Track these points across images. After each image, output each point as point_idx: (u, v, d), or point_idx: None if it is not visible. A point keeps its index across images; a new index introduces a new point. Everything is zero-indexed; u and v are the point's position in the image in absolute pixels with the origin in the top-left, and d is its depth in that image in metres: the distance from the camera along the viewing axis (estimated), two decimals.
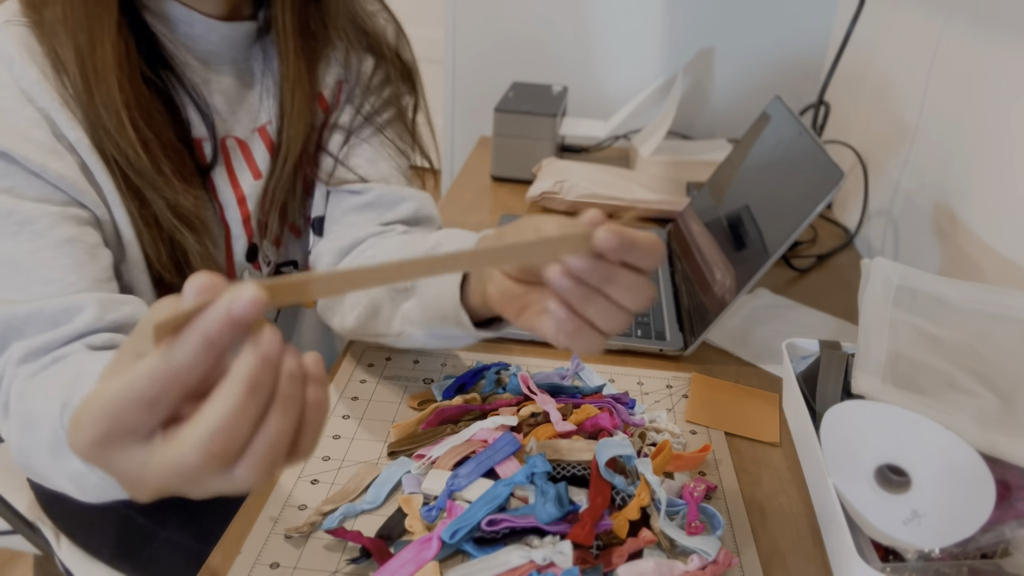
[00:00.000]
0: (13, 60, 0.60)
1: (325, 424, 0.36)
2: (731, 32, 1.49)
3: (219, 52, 0.71)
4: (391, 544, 0.57)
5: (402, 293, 0.67)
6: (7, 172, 0.59)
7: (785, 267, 1.08)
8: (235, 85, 0.73)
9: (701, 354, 0.85)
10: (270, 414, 0.33)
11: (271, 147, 0.76)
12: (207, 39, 0.69)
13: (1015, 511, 0.55)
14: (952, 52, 0.97)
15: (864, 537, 0.57)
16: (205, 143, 0.71)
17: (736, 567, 0.57)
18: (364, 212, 0.77)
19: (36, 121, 0.60)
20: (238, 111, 0.74)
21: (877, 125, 1.19)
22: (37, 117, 0.60)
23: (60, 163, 0.60)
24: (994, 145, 0.86)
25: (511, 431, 0.64)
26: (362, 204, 0.77)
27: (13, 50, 0.60)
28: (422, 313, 0.65)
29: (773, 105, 0.98)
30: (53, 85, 0.61)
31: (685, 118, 1.55)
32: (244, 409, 0.32)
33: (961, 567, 0.54)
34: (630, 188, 1.21)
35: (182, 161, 0.68)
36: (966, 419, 0.59)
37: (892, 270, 0.74)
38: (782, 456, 0.70)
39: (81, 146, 0.62)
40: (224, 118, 0.73)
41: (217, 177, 0.72)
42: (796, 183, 0.81)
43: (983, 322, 0.69)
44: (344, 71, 0.79)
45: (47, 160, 0.59)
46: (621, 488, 0.59)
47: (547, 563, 0.53)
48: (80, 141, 0.62)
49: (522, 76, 1.56)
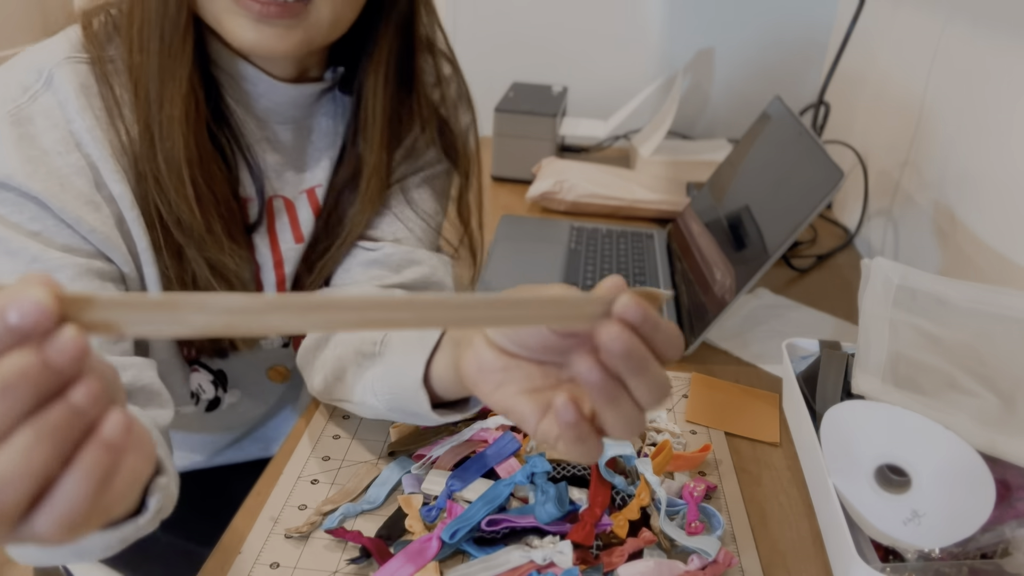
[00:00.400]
0: (69, 101, 0.57)
1: (98, 487, 0.28)
2: (731, 32, 1.49)
3: (279, 111, 0.68)
4: (391, 544, 0.57)
5: (369, 358, 0.61)
6: (38, 216, 0.56)
7: (785, 267, 1.08)
8: (290, 145, 0.70)
9: (701, 354, 0.85)
10: (17, 432, 0.27)
11: (317, 211, 0.73)
12: (268, 98, 0.66)
13: (1015, 511, 0.55)
14: (952, 52, 0.97)
15: (864, 537, 0.57)
16: (251, 203, 0.68)
17: (736, 567, 0.57)
18: (368, 269, 0.72)
19: (80, 168, 0.57)
20: (288, 171, 0.71)
21: (877, 125, 1.19)
22: (82, 164, 0.57)
23: (96, 216, 0.58)
24: (995, 145, 0.86)
25: (511, 431, 0.64)
26: (369, 261, 0.72)
27: (71, 90, 0.57)
28: (383, 383, 0.58)
29: (773, 105, 0.98)
30: (105, 132, 0.58)
31: (685, 118, 1.55)
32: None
33: (961, 567, 0.54)
34: (630, 188, 1.21)
35: (233, 220, 0.65)
36: (966, 419, 0.59)
37: (892, 270, 0.74)
38: (782, 456, 0.70)
39: (123, 201, 0.59)
40: (272, 178, 0.70)
41: (257, 237, 0.70)
42: (796, 183, 0.81)
43: (983, 322, 0.69)
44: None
45: (83, 212, 0.57)
46: (621, 488, 0.59)
47: (547, 563, 0.53)
48: (123, 196, 0.59)
49: (522, 76, 1.56)
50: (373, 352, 0.61)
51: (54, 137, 0.57)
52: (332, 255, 0.72)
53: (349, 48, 0.69)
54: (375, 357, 0.60)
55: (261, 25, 0.57)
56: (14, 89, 0.57)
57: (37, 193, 0.55)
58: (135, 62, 0.59)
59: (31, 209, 0.56)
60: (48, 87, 0.57)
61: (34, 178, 0.55)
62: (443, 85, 0.76)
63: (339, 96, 0.72)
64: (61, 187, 0.56)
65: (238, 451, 0.87)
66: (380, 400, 0.59)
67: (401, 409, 0.57)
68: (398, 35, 0.68)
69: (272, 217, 0.70)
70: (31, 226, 0.56)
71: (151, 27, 0.58)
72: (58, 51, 0.59)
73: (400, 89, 0.71)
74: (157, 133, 0.59)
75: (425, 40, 0.71)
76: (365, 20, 0.66)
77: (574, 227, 1.14)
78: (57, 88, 0.57)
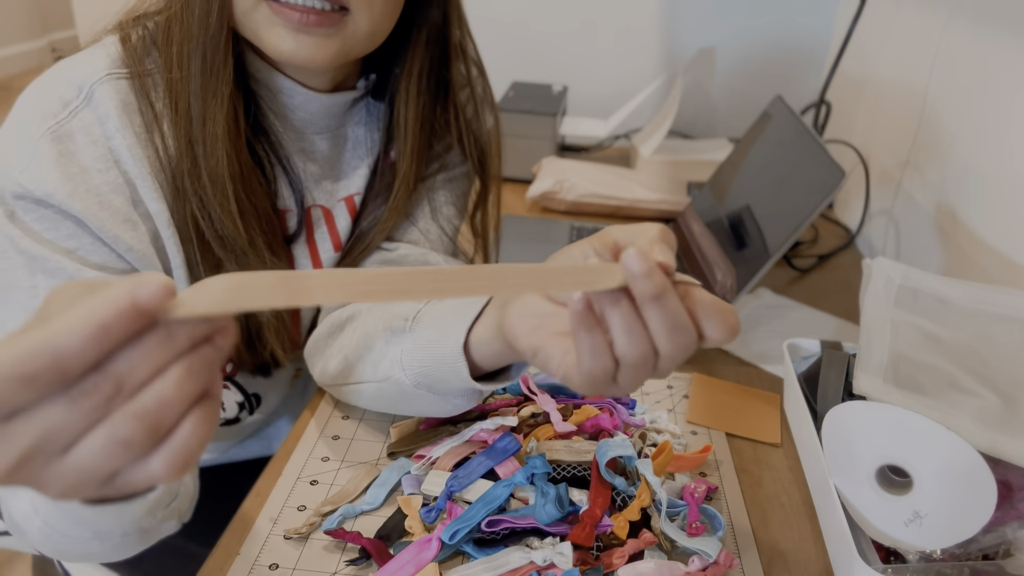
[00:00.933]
0: (109, 118, 0.57)
1: (214, 425, 0.33)
2: (732, 31, 1.49)
3: (315, 121, 0.68)
4: (391, 545, 0.57)
5: (398, 334, 0.61)
6: (75, 234, 0.56)
7: (786, 267, 1.07)
8: (327, 154, 0.71)
9: (702, 354, 0.85)
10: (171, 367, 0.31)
11: (355, 218, 0.73)
12: (305, 108, 0.67)
13: (1016, 512, 0.55)
14: (954, 51, 0.97)
15: (865, 538, 0.57)
16: (290, 214, 0.68)
17: (737, 568, 0.57)
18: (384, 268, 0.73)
19: (118, 186, 0.57)
20: (325, 180, 0.71)
21: (879, 124, 1.19)
22: (120, 182, 0.57)
23: (132, 234, 0.58)
24: (996, 145, 0.86)
25: (511, 432, 0.64)
26: (384, 260, 0.73)
27: (111, 107, 0.57)
28: (414, 356, 0.58)
29: (774, 104, 0.98)
30: (144, 150, 0.58)
31: (686, 117, 1.55)
32: (84, 344, 0.29)
33: (962, 568, 0.54)
34: (630, 188, 1.21)
35: (273, 232, 0.65)
36: (967, 419, 0.58)
37: (893, 270, 0.74)
38: (783, 457, 0.70)
39: (160, 218, 0.59)
40: (311, 187, 0.70)
41: (297, 248, 0.70)
42: (797, 183, 0.81)
43: (984, 322, 0.68)
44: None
45: (121, 230, 0.57)
46: (621, 489, 0.59)
47: (547, 564, 0.53)
48: (159, 213, 0.59)
49: (522, 75, 1.56)
50: (403, 328, 0.60)
51: (94, 154, 0.56)
52: (355, 260, 0.73)
53: (382, 56, 0.69)
54: (405, 333, 0.60)
55: (300, 35, 0.58)
56: (55, 104, 0.56)
57: (77, 212, 0.55)
58: (175, 79, 0.59)
59: (68, 227, 0.56)
60: (88, 103, 0.57)
61: (74, 196, 0.55)
62: (471, 85, 0.76)
63: (372, 104, 0.73)
64: (100, 206, 0.56)
65: (240, 449, 0.87)
66: (408, 374, 0.59)
67: (429, 384, 0.58)
68: (430, 44, 0.69)
69: (311, 227, 0.71)
70: (67, 243, 0.56)
71: (192, 45, 0.58)
72: (99, 66, 0.58)
73: (433, 99, 0.71)
74: (200, 151, 0.59)
75: (458, 49, 0.72)
76: (399, 29, 0.66)
77: (574, 227, 1.14)
78: (97, 105, 0.57)
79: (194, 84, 0.58)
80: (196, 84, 0.58)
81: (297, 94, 0.65)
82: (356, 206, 0.73)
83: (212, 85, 0.59)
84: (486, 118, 0.78)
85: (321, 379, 0.70)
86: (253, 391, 0.75)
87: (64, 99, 0.57)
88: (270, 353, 0.69)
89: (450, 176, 0.78)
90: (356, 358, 0.64)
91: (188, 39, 0.58)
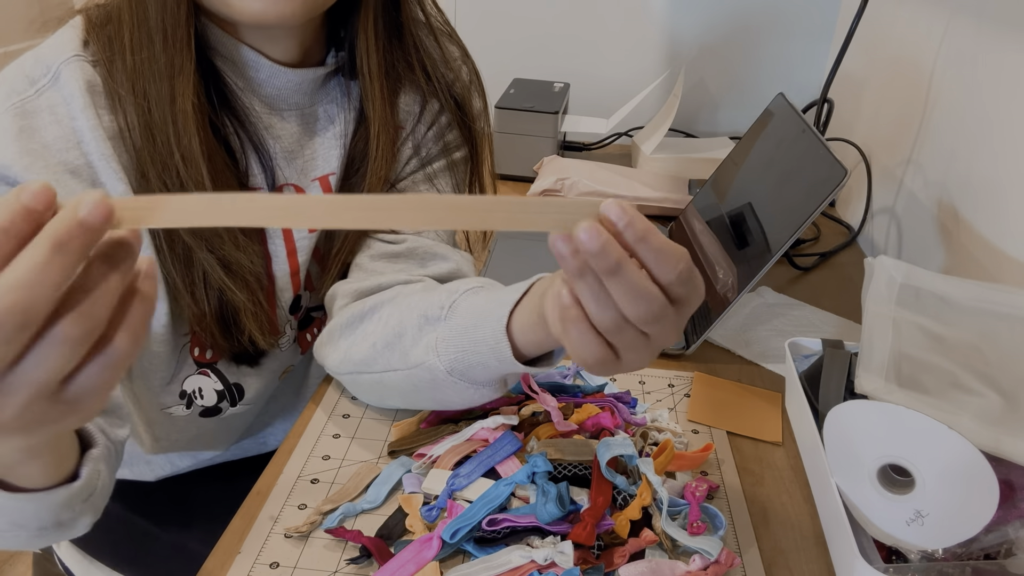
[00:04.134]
0: (74, 98, 0.57)
1: (147, 325, 0.35)
2: (733, 28, 1.49)
3: (284, 97, 0.68)
4: (391, 544, 0.57)
5: (433, 321, 0.61)
6: None
7: (788, 265, 1.07)
8: (298, 132, 0.70)
9: (703, 353, 0.85)
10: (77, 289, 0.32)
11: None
12: (272, 84, 0.66)
13: (1019, 511, 0.55)
14: (957, 49, 0.97)
15: (867, 537, 0.57)
16: (262, 192, 0.67)
17: (738, 567, 0.57)
18: (394, 262, 0.72)
19: (77, 168, 0.57)
20: (298, 159, 0.71)
21: (881, 122, 1.19)
22: (81, 163, 0.57)
23: None
24: (999, 143, 0.86)
25: (512, 430, 0.64)
26: (392, 253, 0.72)
27: (76, 88, 0.57)
28: (450, 342, 0.58)
29: (776, 102, 0.97)
30: (107, 131, 0.58)
31: (687, 115, 1.55)
32: (46, 267, 0.30)
33: (964, 567, 0.53)
34: (632, 186, 1.21)
35: None
36: (970, 419, 0.58)
37: (895, 268, 0.73)
38: (784, 456, 0.70)
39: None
40: (282, 166, 0.70)
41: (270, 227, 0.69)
42: (799, 181, 0.81)
43: (987, 321, 0.68)
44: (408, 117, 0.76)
45: None
46: (622, 488, 0.59)
47: (548, 563, 0.53)
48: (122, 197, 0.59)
49: (523, 73, 1.55)
50: (439, 316, 0.60)
51: (56, 133, 0.57)
52: (347, 244, 0.72)
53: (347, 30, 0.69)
54: (440, 321, 0.60)
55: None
56: (21, 82, 0.57)
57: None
58: (137, 60, 0.58)
59: None
60: (55, 83, 0.57)
61: (31, 171, 0.55)
62: (454, 66, 0.76)
63: (343, 84, 0.72)
64: (56, 183, 0.56)
65: (237, 449, 0.87)
66: (443, 360, 0.58)
67: (464, 370, 0.57)
68: None
69: None
70: None
71: (152, 21, 0.58)
72: (67, 47, 0.59)
73: (390, 40, 0.71)
74: (172, 130, 0.58)
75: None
76: None
77: None
78: (63, 85, 0.57)
79: (157, 61, 0.58)
80: (160, 61, 0.58)
81: (263, 67, 0.65)
82: (332, 186, 0.73)
83: (177, 61, 0.58)
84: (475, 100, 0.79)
85: (340, 368, 0.68)
86: (235, 380, 0.74)
87: (31, 77, 0.57)
88: (248, 338, 0.68)
89: (451, 161, 0.78)
90: (385, 345, 0.64)
91: (146, 18, 0.58)
